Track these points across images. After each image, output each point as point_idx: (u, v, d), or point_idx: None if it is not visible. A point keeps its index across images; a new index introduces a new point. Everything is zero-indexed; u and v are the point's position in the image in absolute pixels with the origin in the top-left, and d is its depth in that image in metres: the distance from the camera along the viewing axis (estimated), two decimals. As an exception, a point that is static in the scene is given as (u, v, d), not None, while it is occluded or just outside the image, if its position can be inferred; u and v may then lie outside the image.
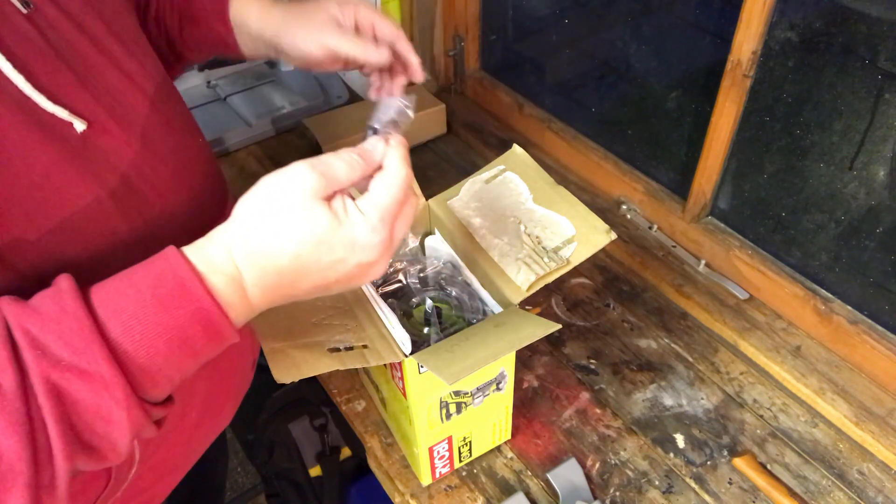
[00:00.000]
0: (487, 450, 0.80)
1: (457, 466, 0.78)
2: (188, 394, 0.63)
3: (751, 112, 0.87)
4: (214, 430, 0.72)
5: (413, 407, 0.67)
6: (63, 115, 0.46)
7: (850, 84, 0.76)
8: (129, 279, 0.42)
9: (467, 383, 0.68)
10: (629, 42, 1.04)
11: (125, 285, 0.42)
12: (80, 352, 0.39)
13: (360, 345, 0.59)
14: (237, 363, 0.71)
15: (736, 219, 0.97)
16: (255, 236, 0.44)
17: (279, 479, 1.20)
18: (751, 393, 0.86)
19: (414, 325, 0.69)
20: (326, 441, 1.17)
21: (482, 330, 0.62)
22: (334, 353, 0.57)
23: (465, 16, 1.25)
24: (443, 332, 0.67)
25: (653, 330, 0.94)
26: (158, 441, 0.61)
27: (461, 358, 0.57)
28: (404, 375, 0.63)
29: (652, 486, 0.77)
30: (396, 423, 0.78)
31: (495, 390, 0.72)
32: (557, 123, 1.18)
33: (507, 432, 0.80)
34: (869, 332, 0.83)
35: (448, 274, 0.73)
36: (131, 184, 0.51)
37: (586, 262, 1.04)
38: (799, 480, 0.77)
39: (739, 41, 0.82)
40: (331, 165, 0.46)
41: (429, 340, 0.66)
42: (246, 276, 0.44)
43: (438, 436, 0.72)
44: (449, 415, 0.70)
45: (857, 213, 0.82)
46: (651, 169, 1.07)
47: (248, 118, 1.28)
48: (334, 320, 0.61)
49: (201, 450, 0.71)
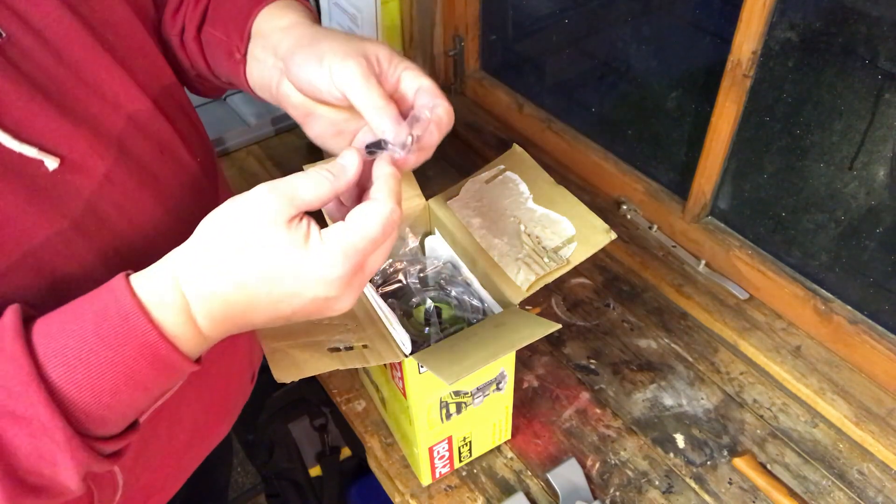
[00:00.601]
0: (487, 450, 0.80)
1: (457, 466, 0.78)
2: (175, 418, 0.61)
3: (751, 112, 0.87)
4: (208, 446, 0.70)
5: (413, 407, 0.66)
6: (31, 154, 0.44)
7: (850, 84, 0.76)
8: (75, 312, 0.41)
9: (467, 383, 0.68)
10: (629, 42, 1.04)
11: (70, 319, 0.40)
12: (17, 396, 0.38)
13: (361, 345, 0.59)
14: (233, 381, 0.69)
15: (736, 219, 0.97)
16: (201, 263, 0.41)
17: (279, 479, 1.20)
18: (751, 393, 0.86)
19: (414, 325, 0.69)
20: (326, 441, 1.17)
21: (482, 330, 0.62)
22: (334, 352, 0.57)
23: (465, 16, 1.25)
24: (443, 332, 0.67)
25: (653, 330, 0.94)
26: (144, 464, 0.59)
27: (461, 358, 0.57)
28: (404, 375, 0.63)
29: (652, 486, 0.77)
30: (396, 423, 0.77)
31: (495, 390, 0.72)
32: (557, 123, 1.18)
33: (507, 432, 0.80)
34: (869, 332, 0.83)
35: (448, 274, 0.73)
36: (99, 212, 0.48)
37: (586, 262, 1.04)
38: (799, 480, 0.77)
39: (739, 41, 0.81)
40: (294, 186, 0.43)
41: (429, 340, 0.66)
42: (193, 306, 0.42)
43: (438, 436, 0.71)
44: (449, 415, 0.70)
45: (857, 213, 0.82)
46: (651, 169, 1.07)
47: (248, 118, 1.28)
48: (334, 320, 0.61)
49: (194, 466, 0.69)
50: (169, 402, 0.56)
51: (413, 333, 0.63)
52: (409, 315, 0.70)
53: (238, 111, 1.31)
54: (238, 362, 0.69)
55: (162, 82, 0.57)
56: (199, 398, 0.63)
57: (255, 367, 0.75)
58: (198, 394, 0.62)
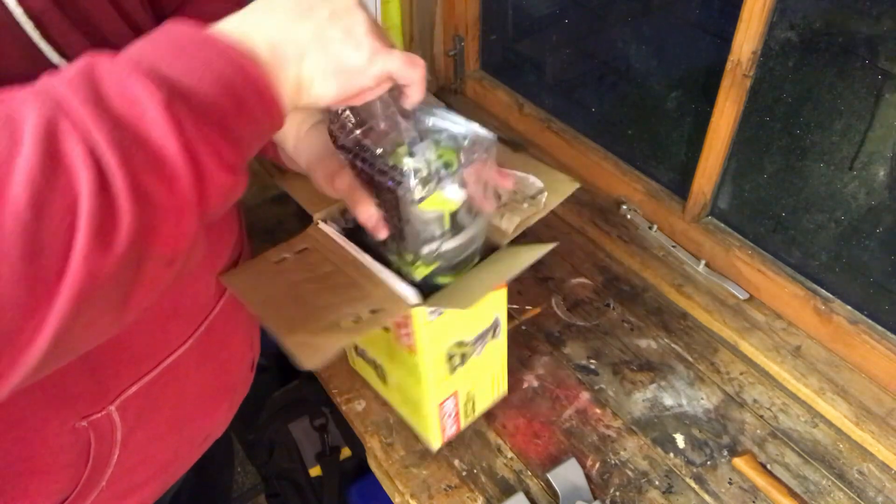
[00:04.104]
0: (488, 405, 0.83)
1: (462, 426, 0.81)
2: (183, 387, 0.63)
3: (751, 112, 0.87)
4: (207, 430, 0.71)
5: (422, 361, 0.69)
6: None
7: (850, 84, 0.76)
8: (146, 42, 0.40)
9: (468, 331, 0.72)
10: (629, 42, 1.04)
11: (149, 42, 0.40)
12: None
13: (369, 311, 0.61)
14: (234, 359, 0.70)
15: (736, 219, 0.97)
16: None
17: (279, 479, 1.20)
18: (751, 393, 0.86)
19: (398, 161, 0.59)
20: (326, 441, 1.17)
21: (483, 269, 0.65)
22: (351, 325, 0.59)
23: (465, 16, 1.26)
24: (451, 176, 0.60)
25: (653, 330, 0.94)
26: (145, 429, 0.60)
27: (470, 289, 0.59)
28: (414, 328, 0.65)
29: (652, 486, 0.77)
30: (401, 393, 0.79)
31: (492, 338, 0.76)
32: (557, 123, 1.18)
33: (504, 385, 0.84)
34: (869, 332, 0.83)
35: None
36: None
37: (586, 262, 1.04)
38: (799, 480, 0.77)
39: (739, 41, 0.82)
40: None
41: (427, 171, 0.59)
42: (255, 15, 0.44)
43: (446, 391, 0.74)
44: (454, 367, 0.73)
45: (857, 213, 0.82)
46: (651, 169, 1.07)
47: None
48: (340, 298, 0.63)
49: (194, 450, 0.70)
50: (174, 366, 0.59)
51: (399, 174, 0.57)
52: (394, 157, 0.59)
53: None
54: (239, 341, 0.70)
55: None
56: (204, 371, 0.64)
57: (255, 354, 0.76)
58: (203, 366, 0.64)
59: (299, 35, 0.45)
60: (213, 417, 0.70)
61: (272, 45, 0.44)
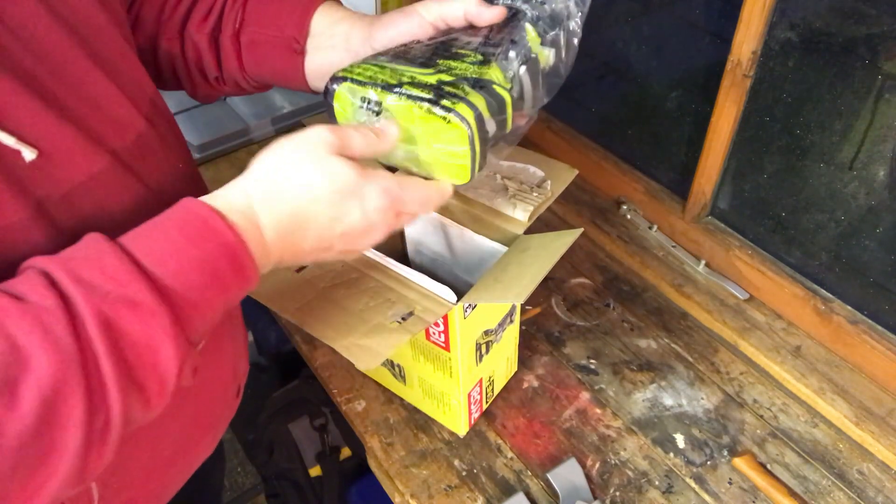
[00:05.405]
0: (503, 384, 0.87)
1: (485, 408, 0.84)
2: (159, 432, 0.60)
3: (751, 112, 0.87)
4: (193, 462, 0.68)
5: (457, 357, 0.71)
6: (9, 143, 0.45)
7: (850, 84, 0.76)
8: (154, 224, 0.44)
9: (493, 320, 0.75)
10: (629, 42, 1.04)
11: (150, 230, 0.44)
12: (125, 284, 0.40)
13: (409, 311, 0.62)
14: (217, 395, 0.68)
15: (736, 219, 0.97)
16: (270, 180, 0.47)
17: (279, 479, 1.20)
18: (751, 393, 0.86)
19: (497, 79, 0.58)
20: (326, 441, 1.16)
21: (512, 260, 0.66)
22: (397, 326, 0.61)
23: (465, 16, 1.25)
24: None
25: (653, 330, 0.94)
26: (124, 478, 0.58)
27: (513, 283, 0.61)
28: (449, 326, 0.67)
29: (652, 486, 0.77)
30: (424, 390, 0.80)
31: (510, 322, 0.80)
32: (557, 123, 1.18)
33: (515, 363, 0.88)
34: (869, 332, 0.83)
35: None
36: (76, 208, 0.49)
37: (586, 262, 1.04)
38: (799, 480, 0.77)
39: (739, 41, 0.82)
40: (347, 133, 0.50)
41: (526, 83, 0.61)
42: (262, 217, 0.46)
43: (474, 379, 0.77)
44: (481, 356, 0.75)
45: (857, 213, 0.82)
46: (651, 169, 1.07)
47: (248, 118, 1.28)
48: (376, 301, 0.64)
49: (179, 482, 0.68)
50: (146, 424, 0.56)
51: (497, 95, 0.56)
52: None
53: (238, 111, 1.31)
54: (223, 375, 0.67)
55: (143, 89, 0.57)
56: (184, 412, 0.62)
57: (241, 381, 0.73)
58: (182, 407, 0.61)
59: (306, 259, 0.51)
60: (196, 451, 0.68)
61: (280, 259, 0.49)
